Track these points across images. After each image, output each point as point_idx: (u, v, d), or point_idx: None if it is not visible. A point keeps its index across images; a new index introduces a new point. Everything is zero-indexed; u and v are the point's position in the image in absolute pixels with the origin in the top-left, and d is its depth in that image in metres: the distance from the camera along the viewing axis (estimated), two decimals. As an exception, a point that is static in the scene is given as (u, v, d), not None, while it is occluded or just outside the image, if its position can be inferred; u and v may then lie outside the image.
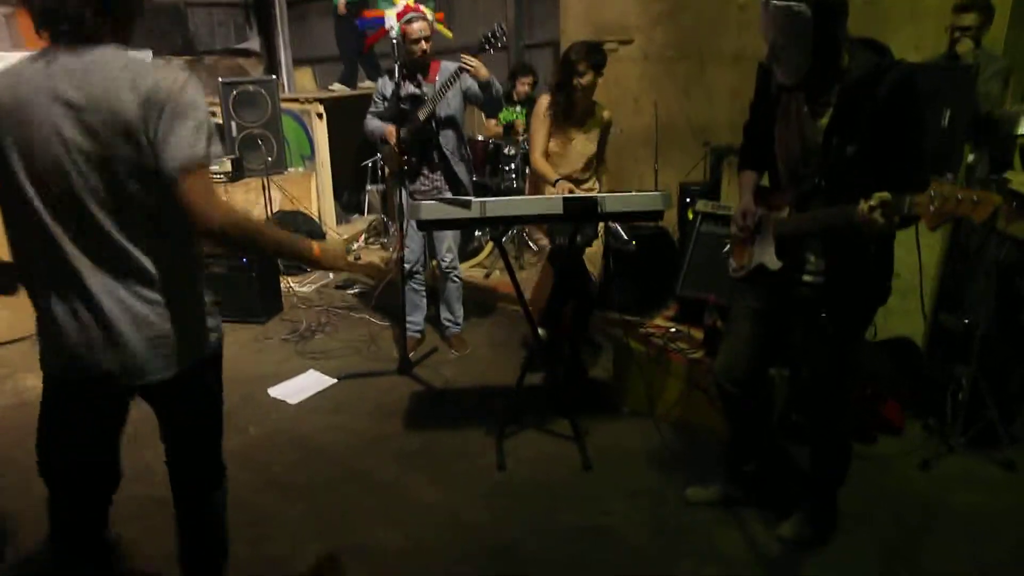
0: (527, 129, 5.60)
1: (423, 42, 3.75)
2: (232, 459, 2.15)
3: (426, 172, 3.95)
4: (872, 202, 1.92)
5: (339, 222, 6.57)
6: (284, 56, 8.19)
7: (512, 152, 5.39)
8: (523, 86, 5.88)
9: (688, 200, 4.36)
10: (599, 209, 2.85)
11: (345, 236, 6.30)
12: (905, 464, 3.01)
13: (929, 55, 3.99)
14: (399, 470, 3.09)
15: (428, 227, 3.46)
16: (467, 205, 2.85)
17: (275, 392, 3.83)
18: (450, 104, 3.84)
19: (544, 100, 3.53)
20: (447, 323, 4.32)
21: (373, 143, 4.34)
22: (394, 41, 3.68)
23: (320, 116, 6.08)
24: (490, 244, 5.37)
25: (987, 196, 1.76)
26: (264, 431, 3.45)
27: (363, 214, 6.77)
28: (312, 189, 6.20)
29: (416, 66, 3.84)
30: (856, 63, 2.10)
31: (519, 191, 5.33)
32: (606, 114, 3.60)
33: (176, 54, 9.05)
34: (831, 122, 2.14)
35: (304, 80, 9.32)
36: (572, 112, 3.46)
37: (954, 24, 3.77)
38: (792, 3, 1.97)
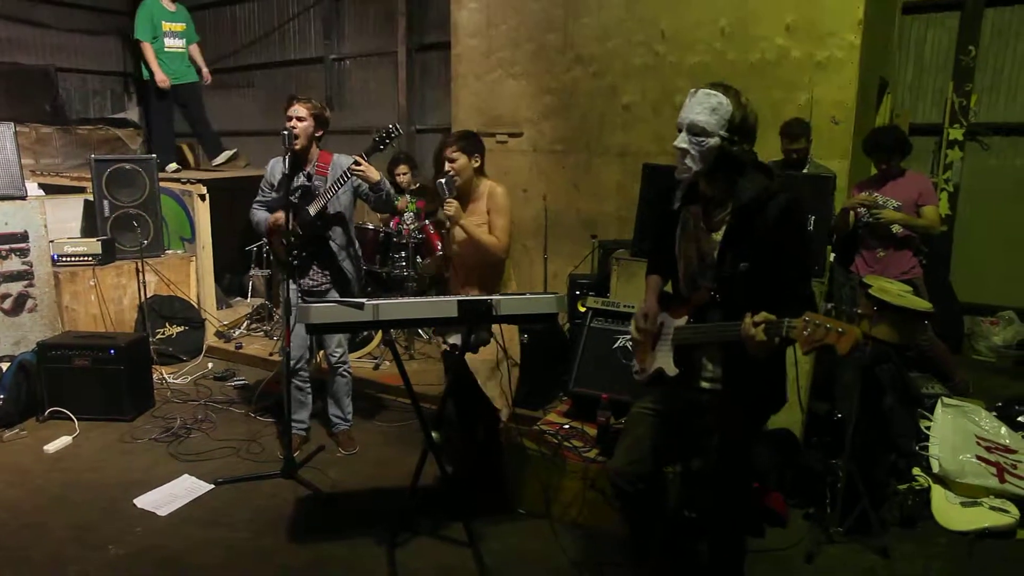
0: (418, 216, 5.61)
1: (295, 121, 3.62)
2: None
3: (315, 268, 3.83)
4: (756, 319, 2.04)
5: (220, 306, 6.26)
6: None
7: (403, 241, 5.36)
8: (401, 176, 5.84)
9: (577, 293, 4.46)
10: (493, 312, 2.85)
11: (225, 322, 6.01)
12: (792, 556, 3.09)
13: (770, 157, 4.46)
14: (282, 591, 2.88)
15: (318, 331, 3.31)
16: (359, 307, 2.77)
17: (142, 502, 3.50)
18: (340, 200, 3.75)
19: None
20: (335, 419, 4.13)
21: (259, 234, 4.19)
22: (284, 133, 3.60)
23: (203, 197, 5.83)
24: (380, 334, 5.25)
25: (850, 329, 1.93)
26: (128, 550, 3.13)
27: (246, 298, 6.50)
28: (191, 273, 5.89)
29: (296, 155, 3.69)
30: (747, 182, 2.23)
31: (409, 279, 5.28)
32: (485, 185, 3.36)
33: (42, 122, 8.54)
34: (724, 238, 2.26)
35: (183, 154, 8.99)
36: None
37: (786, 145, 4.37)
38: (715, 92, 2.16)
